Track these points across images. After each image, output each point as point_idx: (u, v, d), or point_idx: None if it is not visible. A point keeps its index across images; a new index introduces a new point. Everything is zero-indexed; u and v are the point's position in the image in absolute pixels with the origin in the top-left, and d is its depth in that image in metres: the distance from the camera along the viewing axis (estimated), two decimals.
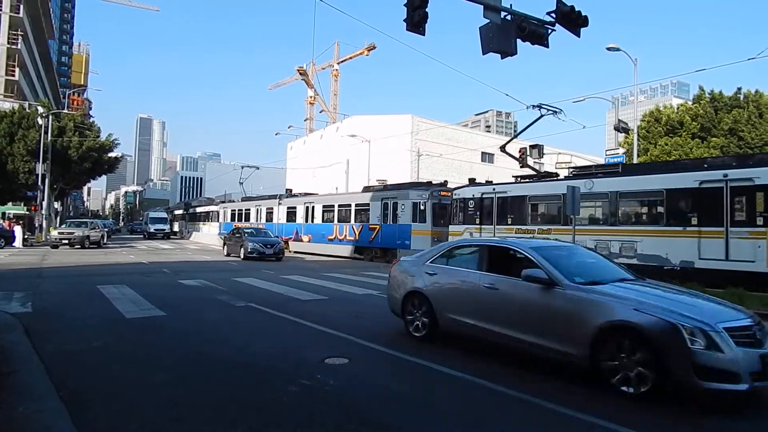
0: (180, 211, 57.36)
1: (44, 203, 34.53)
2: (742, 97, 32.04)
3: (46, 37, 54.59)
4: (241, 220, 34.82)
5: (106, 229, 36.35)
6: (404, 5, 10.07)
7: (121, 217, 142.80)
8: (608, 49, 23.13)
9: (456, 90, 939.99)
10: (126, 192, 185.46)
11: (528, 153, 26.90)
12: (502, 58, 11.08)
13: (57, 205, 47.28)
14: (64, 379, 4.68)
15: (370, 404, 4.35)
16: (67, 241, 27.19)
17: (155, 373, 5.07)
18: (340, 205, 25.57)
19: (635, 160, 24.26)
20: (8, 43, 42.19)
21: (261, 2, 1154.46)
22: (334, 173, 45.80)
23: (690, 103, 36.38)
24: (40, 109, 37.16)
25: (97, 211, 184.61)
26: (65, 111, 45.13)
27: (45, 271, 15.36)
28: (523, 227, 16.27)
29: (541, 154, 27.12)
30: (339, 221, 25.20)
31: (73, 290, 11.05)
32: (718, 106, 32.27)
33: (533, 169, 19.67)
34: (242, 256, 21.70)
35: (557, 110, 17.23)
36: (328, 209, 26.44)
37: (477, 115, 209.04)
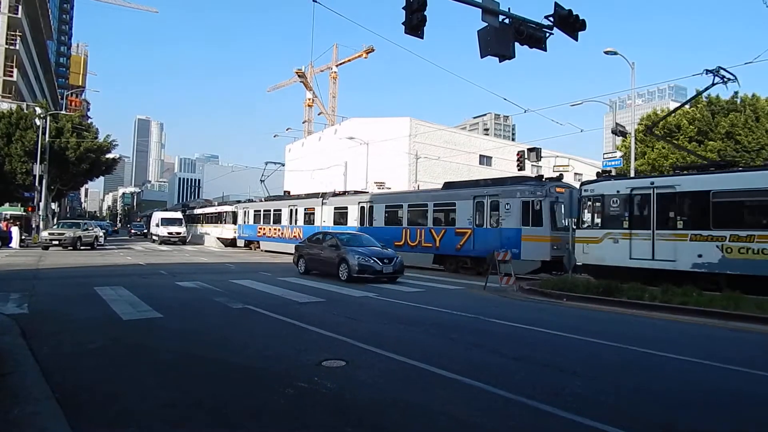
0: (207, 211, 52.43)
1: (41, 204, 34.41)
2: (738, 101, 32.21)
3: (44, 38, 54.53)
4: (269, 223, 31.18)
5: (102, 231, 36.01)
6: (403, 8, 10.11)
7: (118, 219, 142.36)
8: (606, 52, 23.20)
9: (454, 93, 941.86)
10: (123, 193, 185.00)
11: (526, 156, 27.08)
12: (500, 62, 11.15)
13: (54, 206, 47.16)
14: (60, 381, 4.66)
15: (367, 408, 4.34)
16: (58, 242, 26.48)
17: (151, 376, 5.06)
18: (411, 205, 21.38)
19: (632, 164, 24.32)
20: (6, 43, 42.07)
21: (260, 5, 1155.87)
22: (332, 175, 45.80)
23: (687, 106, 36.50)
24: (38, 110, 37.12)
25: (95, 212, 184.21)
26: (63, 112, 45.01)
27: (42, 272, 15.32)
28: (704, 233, 12.29)
29: (539, 158, 27.29)
30: (410, 224, 20.91)
31: (70, 292, 11.02)
32: (715, 110, 32.42)
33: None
34: (345, 277, 14.24)
35: (732, 78, 14.46)
36: (393, 209, 22.18)
37: (475, 118, 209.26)
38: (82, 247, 27.38)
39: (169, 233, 38.34)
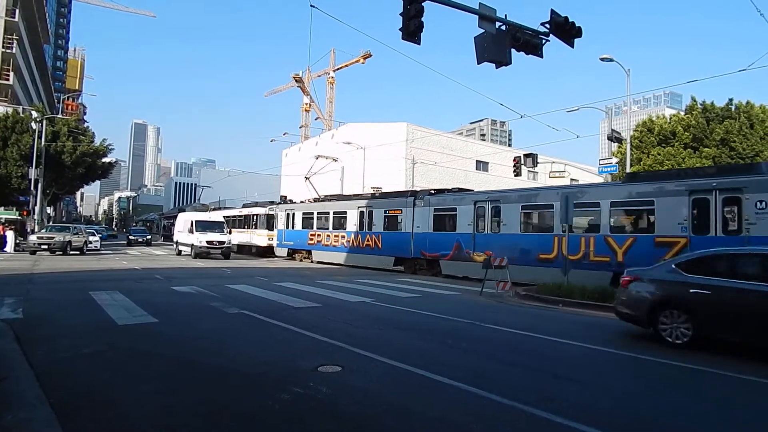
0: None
1: (36, 208, 34.32)
2: (733, 108, 32.43)
3: (41, 42, 54.51)
4: (327, 228, 25.33)
5: (98, 236, 35.34)
6: (400, 15, 10.17)
7: (114, 223, 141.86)
8: (602, 59, 23.38)
9: (451, 98, 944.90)
10: (119, 197, 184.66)
11: (522, 162, 27.17)
12: (496, 68, 11.21)
13: (50, 210, 47.00)
14: (54, 386, 4.64)
15: (363, 413, 4.33)
16: (46, 247, 25.31)
17: (146, 381, 5.04)
18: (583, 206, 14.94)
19: (628, 170, 24.44)
20: (3, 47, 42.02)
21: (257, 9, 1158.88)
22: (329, 180, 45.81)
23: (682, 113, 36.76)
24: (34, 114, 37.06)
25: (90, 216, 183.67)
26: (59, 116, 44.98)
27: (36, 276, 15.23)
28: None
29: (535, 163, 27.38)
30: (590, 231, 14.99)
31: (65, 296, 10.96)
32: (709, 117, 32.63)
33: None
34: None
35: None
36: (531, 211, 16.86)
37: (472, 123, 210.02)
38: (71, 252, 26.37)
39: (209, 243, 26.72)
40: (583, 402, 4.73)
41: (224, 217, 34.86)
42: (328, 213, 25.68)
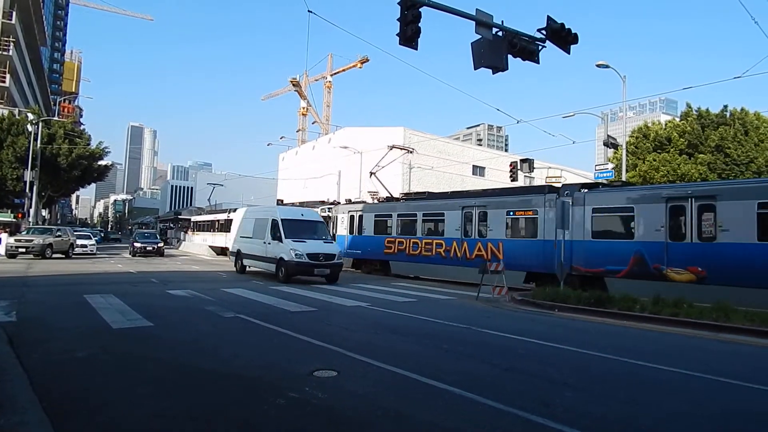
0: (213, 218, 38.63)
1: (31, 211, 34.14)
2: (728, 114, 32.66)
3: (38, 44, 54.34)
4: (414, 233, 20.45)
5: (94, 239, 33.53)
6: (397, 20, 10.21)
7: (109, 226, 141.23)
8: (598, 65, 23.50)
9: (448, 103, 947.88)
10: (115, 200, 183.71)
11: (519, 167, 27.25)
12: (493, 73, 11.29)
13: (45, 212, 46.80)
14: (47, 390, 4.60)
15: (359, 418, 4.32)
16: (25, 250, 23.75)
17: (141, 385, 5.01)
18: None
19: (624, 176, 24.55)
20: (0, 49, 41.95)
21: (255, 13, 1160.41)
22: (325, 184, 45.82)
23: (678, 119, 37.00)
24: (30, 116, 36.97)
25: (86, 219, 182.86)
26: (55, 118, 44.87)
27: (30, 279, 15.15)
28: None
29: (531, 168, 27.46)
30: None
31: (59, 299, 10.90)
32: (705, 123, 32.85)
33: None
34: None
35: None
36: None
37: (469, 128, 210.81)
38: (54, 256, 24.92)
39: (312, 258, 16.60)
40: (578, 407, 4.73)
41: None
42: (414, 215, 20.81)
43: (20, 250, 23.81)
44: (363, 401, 4.73)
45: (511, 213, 17.11)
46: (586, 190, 15.71)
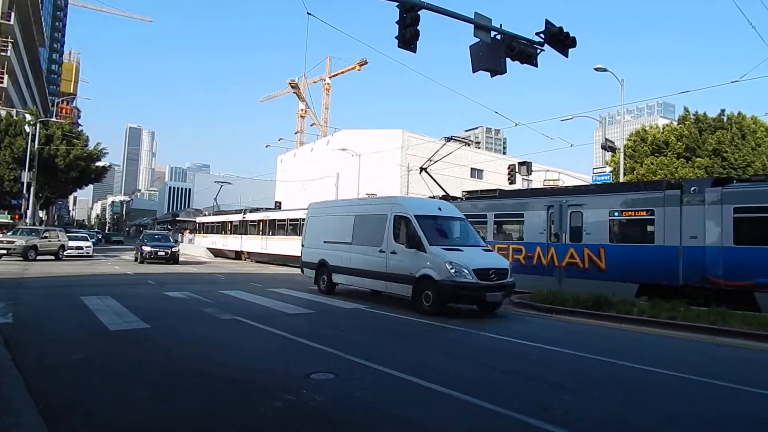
0: (224, 219, 36.69)
1: (29, 212, 34.05)
2: (725, 118, 32.81)
3: (36, 45, 54.28)
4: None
5: (92, 240, 32.75)
6: (396, 23, 10.22)
7: (107, 227, 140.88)
8: (596, 69, 23.58)
9: (446, 106, 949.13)
10: (113, 202, 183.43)
11: (517, 170, 27.30)
12: (491, 76, 11.30)
13: (42, 214, 46.67)
14: (43, 392, 4.57)
15: (356, 421, 4.31)
16: (6, 252, 22.34)
17: (137, 387, 4.98)
18: None
19: (621, 179, 24.59)
20: None
21: (253, 15, 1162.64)
22: (324, 187, 45.81)
23: (675, 123, 37.13)
24: (28, 117, 36.92)
25: (83, 220, 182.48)
26: (53, 119, 44.78)
27: (27, 281, 15.09)
28: None
29: (529, 171, 27.52)
30: None
31: (56, 301, 10.86)
32: (702, 127, 32.97)
33: None
34: None
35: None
36: None
37: (467, 131, 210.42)
38: (39, 258, 23.56)
39: (481, 276, 10.50)
40: (577, 410, 4.72)
41: (261, 220, 27.48)
42: (483, 216, 17.77)
43: (1, 251, 22.59)
44: (361, 404, 4.72)
45: (616, 213, 14.38)
46: (721, 187, 12.70)
